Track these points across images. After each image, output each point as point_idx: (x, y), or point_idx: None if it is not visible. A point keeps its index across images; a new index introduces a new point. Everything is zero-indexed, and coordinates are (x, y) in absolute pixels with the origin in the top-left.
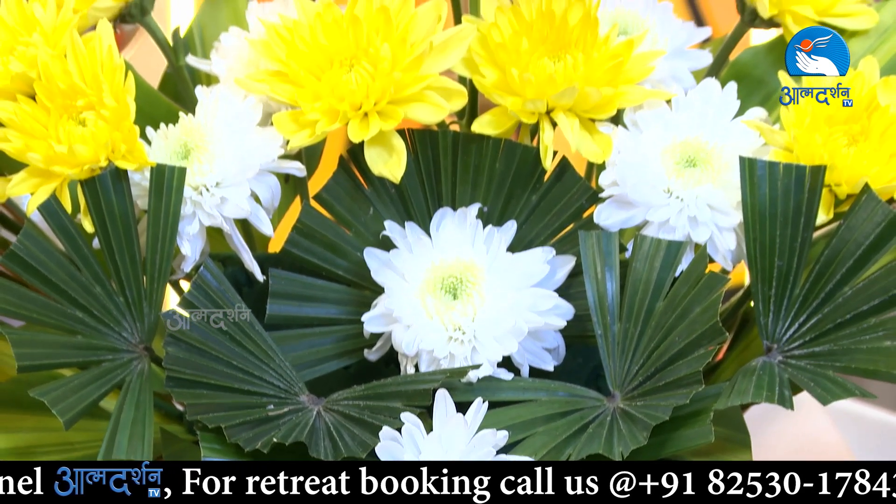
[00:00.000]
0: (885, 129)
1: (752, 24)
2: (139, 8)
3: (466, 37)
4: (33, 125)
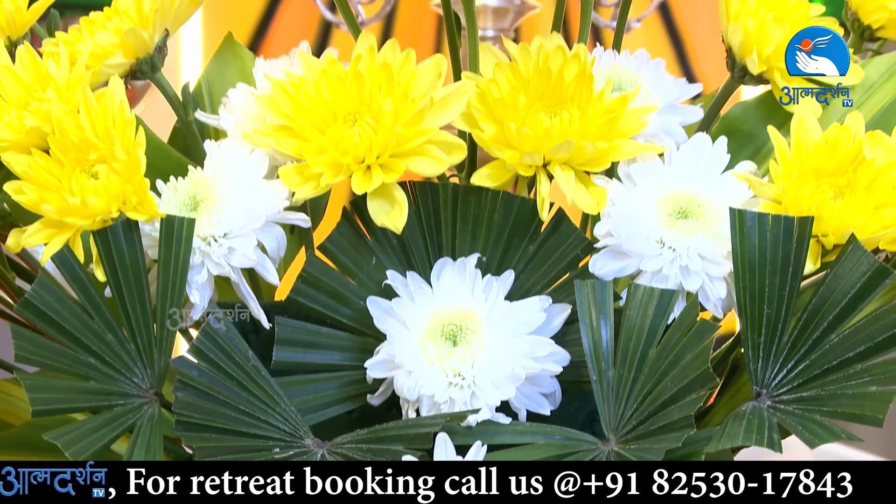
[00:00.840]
0: (870, 182)
1: (741, 80)
2: (150, 65)
3: (466, 92)
4: (47, 178)
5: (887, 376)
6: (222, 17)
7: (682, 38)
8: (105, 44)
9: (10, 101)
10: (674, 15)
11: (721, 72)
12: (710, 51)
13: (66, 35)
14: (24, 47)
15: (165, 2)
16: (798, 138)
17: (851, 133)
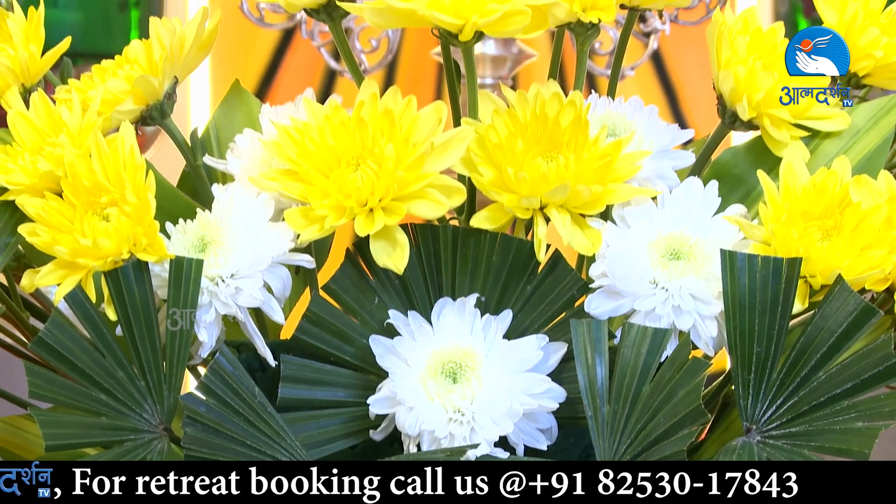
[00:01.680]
0: (856, 224)
1: (732, 126)
2: (159, 111)
3: (465, 138)
4: (60, 220)
5: (873, 412)
6: (230, 65)
7: (674, 86)
8: (116, 91)
9: (24, 146)
10: (666, 64)
11: (711, 118)
12: (701, 98)
13: (79, 82)
14: (37, 94)
15: (175, 50)
16: (787, 182)
17: (838, 177)
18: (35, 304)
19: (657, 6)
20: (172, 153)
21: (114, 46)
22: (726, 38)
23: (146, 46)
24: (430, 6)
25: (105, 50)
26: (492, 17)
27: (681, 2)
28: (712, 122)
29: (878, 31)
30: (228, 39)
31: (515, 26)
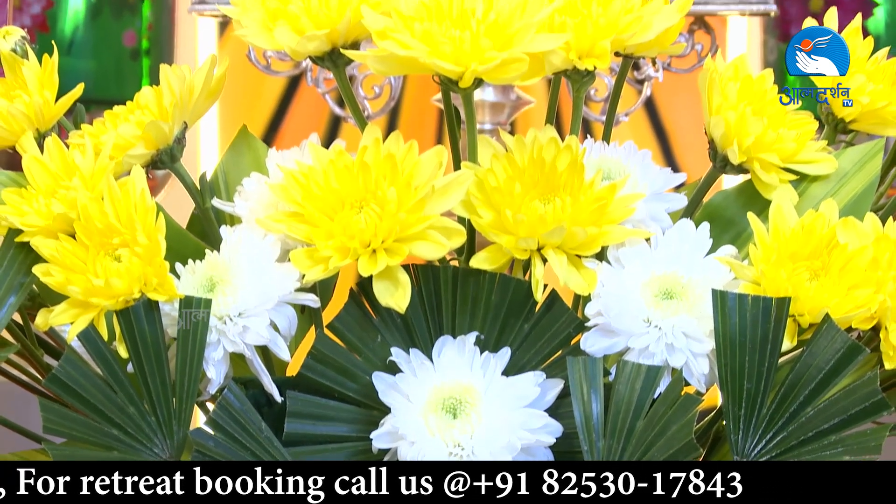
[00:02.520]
0: (843, 265)
1: (723, 170)
2: (169, 155)
3: (465, 181)
4: (73, 261)
5: (860, 446)
6: (238, 111)
7: (667, 131)
8: (127, 136)
9: (38, 189)
10: (659, 110)
11: (703, 163)
12: (693, 144)
13: (92, 128)
14: (51, 139)
15: (184, 96)
16: (776, 224)
17: (825, 219)
18: (49, 342)
19: (651, 54)
20: (182, 196)
21: (126, 93)
22: (717, 84)
23: (157, 93)
24: (431, 54)
25: (117, 97)
26: (491, 64)
27: (673, 50)
28: (703, 166)
29: (865, 79)
30: (236, 86)
31: (513, 73)
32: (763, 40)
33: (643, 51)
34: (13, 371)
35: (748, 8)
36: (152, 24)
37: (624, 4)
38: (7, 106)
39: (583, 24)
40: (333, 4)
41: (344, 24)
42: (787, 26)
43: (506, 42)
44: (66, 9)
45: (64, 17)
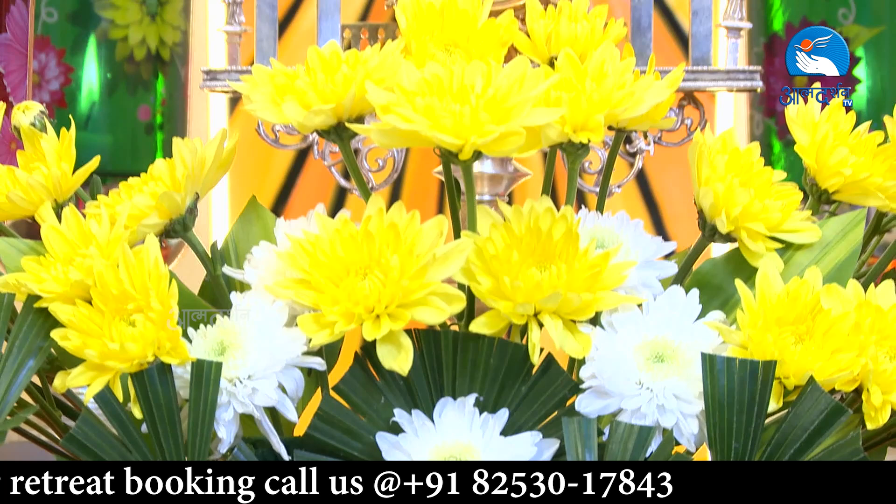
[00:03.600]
0: (827, 330)
1: (711, 238)
2: (182, 225)
3: (465, 249)
4: (90, 326)
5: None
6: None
7: (657, 202)
8: (142, 206)
9: (56, 257)
10: (650, 182)
11: (691, 232)
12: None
13: (107, 198)
14: (69, 209)
15: (196, 168)
16: (762, 291)
17: (810, 286)
18: (67, 404)
19: (642, 128)
20: (194, 264)
21: (140, 166)
22: (706, 157)
23: (170, 165)
24: (432, 127)
25: (132, 169)
26: (489, 137)
27: (664, 124)
28: (693, 235)
29: (847, 151)
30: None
31: (511, 146)
32: (749, 115)
33: (635, 125)
34: (32, 431)
35: (735, 84)
36: (166, 100)
37: (617, 80)
38: (27, 177)
39: (577, 99)
40: (339, 80)
41: (349, 99)
42: (773, 102)
43: (504, 116)
44: (83, 85)
45: (81, 94)
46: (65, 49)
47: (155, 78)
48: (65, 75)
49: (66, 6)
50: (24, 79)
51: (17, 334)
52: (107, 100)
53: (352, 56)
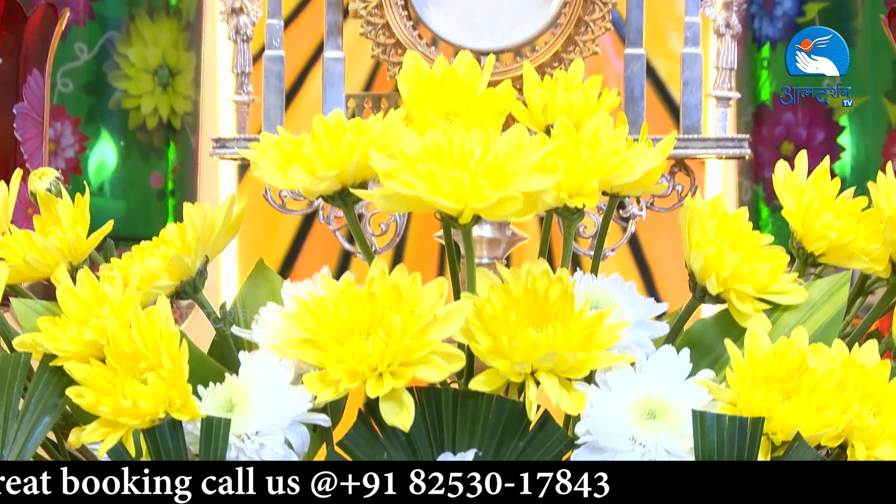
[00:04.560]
0: (813, 388)
1: (702, 300)
2: (192, 287)
3: (464, 310)
4: (103, 384)
5: None
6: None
7: (649, 265)
8: (153, 268)
9: (71, 317)
10: (642, 246)
11: (682, 293)
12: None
13: (120, 261)
14: (83, 271)
15: (206, 232)
16: (751, 350)
17: (797, 346)
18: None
19: (635, 193)
20: (204, 324)
21: (152, 230)
22: (697, 221)
23: (180, 229)
24: (433, 193)
25: (144, 233)
26: (488, 202)
27: (656, 189)
28: (683, 297)
29: (832, 216)
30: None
31: (509, 211)
32: (738, 182)
33: (628, 190)
34: None
35: (724, 152)
36: (177, 167)
37: (611, 148)
38: (43, 241)
39: (573, 165)
40: (343, 147)
41: (353, 165)
42: (760, 169)
43: (502, 182)
44: (97, 153)
45: (95, 161)
46: (79, 118)
47: (166, 146)
48: (79, 143)
49: (80, 77)
50: (40, 146)
51: (34, 392)
52: (120, 167)
53: (356, 124)
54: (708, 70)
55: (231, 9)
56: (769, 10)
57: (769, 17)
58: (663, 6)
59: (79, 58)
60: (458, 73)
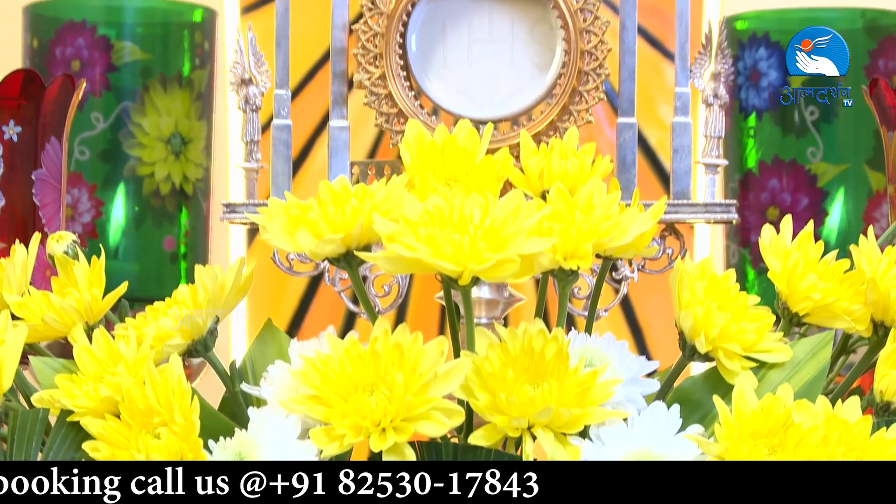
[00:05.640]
0: (798, 442)
1: (691, 358)
2: (203, 345)
3: (464, 368)
4: (118, 438)
5: None
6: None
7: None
8: (166, 328)
9: (87, 375)
10: (634, 307)
11: (672, 352)
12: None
13: (134, 321)
14: (99, 331)
15: (216, 293)
16: (738, 406)
17: (782, 402)
18: None
19: (627, 256)
20: (215, 381)
21: (165, 292)
22: (686, 283)
23: (192, 290)
24: (434, 255)
25: (157, 295)
26: (486, 264)
27: (647, 252)
28: (673, 355)
29: (816, 278)
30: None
31: (507, 272)
32: (725, 245)
33: (621, 253)
34: None
35: (712, 217)
36: (189, 231)
37: (604, 212)
38: (60, 302)
39: (568, 229)
40: (348, 212)
41: (357, 229)
42: (747, 233)
43: (500, 245)
44: (112, 218)
45: (111, 226)
46: (96, 185)
47: (179, 211)
48: (96, 209)
49: (97, 145)
50: (58, 211)
51: (52, 446)
52: (134, 231)
53: (360, 190)
54: (697, 138)
55: (241, 80)
56: (755, 82)
57: (755, 88)
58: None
59: (95, 127)
60: (458, 140)
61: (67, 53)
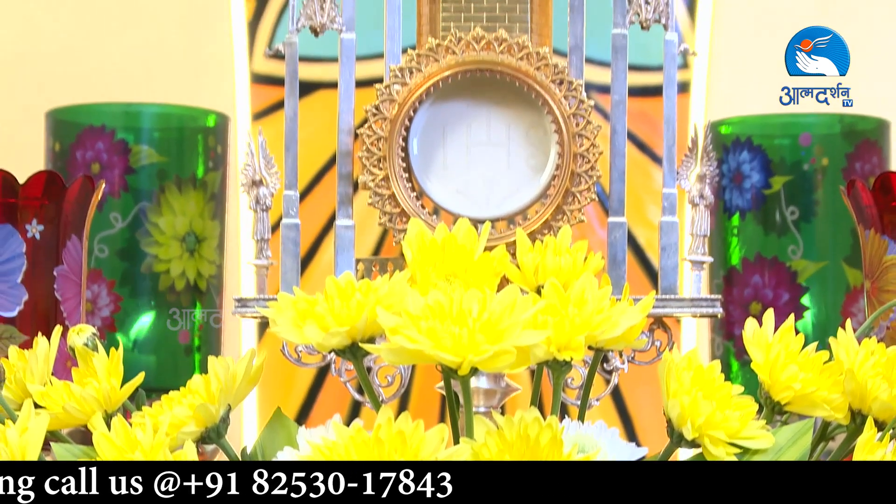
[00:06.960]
0: None
1: (678, 444)
2: (216, 432)
3: (463, 454)
4: None
5: None
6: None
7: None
8: (181, 416)
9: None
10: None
11: (660, 439)
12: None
13: (151, 409)
14: (117, 418)
15: (228, 383)
16: None
17: None
18: None
19: (618, 348)
20: None
21: (180, 382)
22: (674, 373)
23: (205, 380)
24: (435, 347)
25: (172, 385)
26: (484, 355)
27: (637, 344)
28: (661, 442)
29: (797, 369)
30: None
31: (503, 363)
32: (711, 338)
33: (612, 345)
34: None
35: (698, 311)
36: (202, 326)
37: (596, 306)
38: (81, 391)
39: (561, 322)
40: (353, 306)
41: (362, 322)
42: (731, 327)
43: (497, 337)
44: (130, 312)
45: (129, 319)
46: (114, 280)
47: (193, 306)
48: (114, 303)
49: (115, 243)
50: (78, 305)
51: None
52: (151, 325)
53: (364, 285)
54: (683, 237)
55: (252, 181)
56: (739, 183)
57: (739, 189)
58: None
59: (114, 226)
60: (458, 238)
61: (87, 156)
